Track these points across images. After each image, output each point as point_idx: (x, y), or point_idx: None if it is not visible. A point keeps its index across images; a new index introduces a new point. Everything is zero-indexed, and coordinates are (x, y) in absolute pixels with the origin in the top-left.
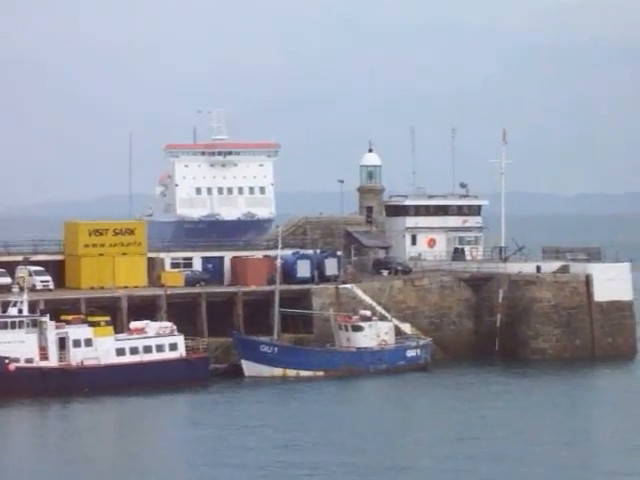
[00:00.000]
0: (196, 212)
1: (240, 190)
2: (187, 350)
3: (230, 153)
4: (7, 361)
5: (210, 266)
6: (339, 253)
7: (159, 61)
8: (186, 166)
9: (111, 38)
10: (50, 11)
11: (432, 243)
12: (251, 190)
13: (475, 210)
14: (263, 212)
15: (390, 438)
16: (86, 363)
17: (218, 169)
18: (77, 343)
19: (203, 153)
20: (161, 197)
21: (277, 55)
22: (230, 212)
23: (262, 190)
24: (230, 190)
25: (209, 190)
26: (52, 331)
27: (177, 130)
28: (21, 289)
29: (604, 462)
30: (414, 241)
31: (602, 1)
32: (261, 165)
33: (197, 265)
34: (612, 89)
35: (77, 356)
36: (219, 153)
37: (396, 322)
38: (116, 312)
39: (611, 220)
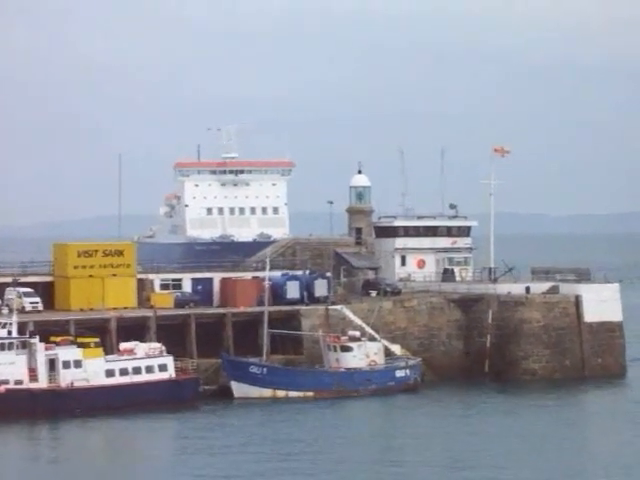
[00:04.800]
0: (207, 233)
1: (252, 210)
2: (176, 371)
3: (242, 172)
4: None
5: (199, 287)
6: (328, 274)
7: (153, 81)
8: (196, 185)
9: (106, 57)
10: (42, 28)
11: (421, 264)
12: (264, 210)
13: (464, 231)
14: (277, 233)
15: (374, 459)
16: (76, 384)
17: (229, 188)
18: (67, 364)
19: (214, 172)
20: (166, 218)
21: (270, 78)
22: (242, 233)
23: (275, 210)
24: (242, 210)
25: (220, 210)
26: (41, 352)
27: (175, 149)
28: (10, 310)
29: None
30: (403, 262)
31: (604, 23)
32: (274, 184)
33: (186, 286)
34: (602, 112)
35: (67, 377)
36: (230, 172)
37: (385, 343)
38: (105, 333)
39: (600, 240)
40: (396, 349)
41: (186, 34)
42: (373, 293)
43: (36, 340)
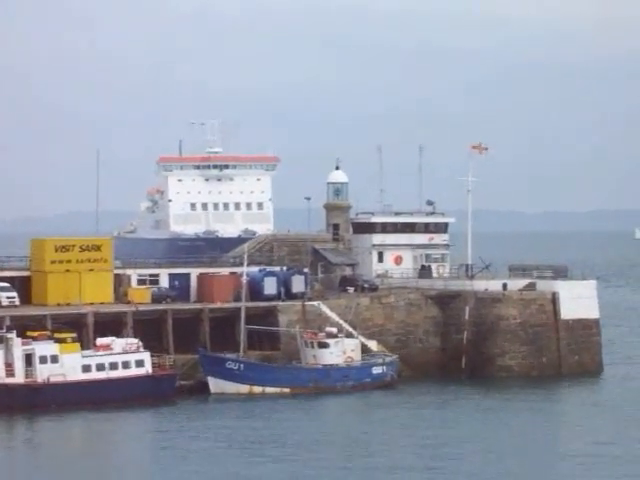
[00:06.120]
0: (191, 229)
1: (237, 206)
2: (153, 367)
3: (226, 167)
4: None
5: (177, 283)
6: (306, 270)
7: (140, 74)
8: (180, 180)
9: (96, 49)
10: (33, 21)
11: (399, 260)
12: (248, 206)
13: (442, 227)
14: (262, 229)
15: (351, 455)
16: (52, 380)
17: (213, 184)
18: (43, 359)
19: (198, 167)
20: (148, 213)
21: (248, 72)
22: (227, 229)
23: (260, 206)
24: (226, 206)
25: (204, 206)
26: (18, 347)
27: (155, 145)
28: None
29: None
30: (381, 258)
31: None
32: (258, 179)
33: (164, 282)
34: (582, 111)
35: (43, 373)
36: (214, 167)
37: (362, 339)
38: (82, 328)
39: (579, 238)
40: (373, 345)
41: (173, 27)
42: (350, 289)
43: (13, 335)
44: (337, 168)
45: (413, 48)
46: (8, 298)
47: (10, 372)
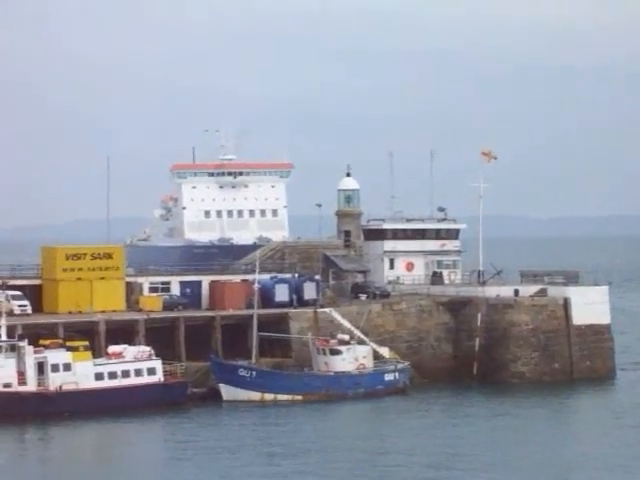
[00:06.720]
0: (205, 236)
1: (251, 213)
2: (165, 374)
3: (240, 174)
4: None
5: (188, 290)
6: (317, 277)
7: (147, 80)
8: (194, 188)
9: (98, 56)
10: (36, 28)
11: (410, 267)
12: (263, 213)
13: (453, 234)
14: (276, 236)
15: (363, 462)
16: (65, 388)
17: (228, 191)
18: (55, 368)
19: (212, 174)
20: (161, 220)
21: (253, 78)
22: (241, 236)
23: (275, 213)
24: (240, 213)
25: (219, 213)
26: (30, 356)
27: (165, 151)
28: None
29: None
30: (392, 265)
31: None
32: (273, 186)
33: (175, 289)
34: (587, 116)
35: (56, 381)
36: (229, 174)
37: (374, 346)
38: (94, 336)
39: (585, 242)
40: (385, 352)
41: (182, 33)
42: (362, 296)
43: (25, 343)
44: (348, 175)
45: (415, 52)
46: (20, 306)
47: (22, 380)
